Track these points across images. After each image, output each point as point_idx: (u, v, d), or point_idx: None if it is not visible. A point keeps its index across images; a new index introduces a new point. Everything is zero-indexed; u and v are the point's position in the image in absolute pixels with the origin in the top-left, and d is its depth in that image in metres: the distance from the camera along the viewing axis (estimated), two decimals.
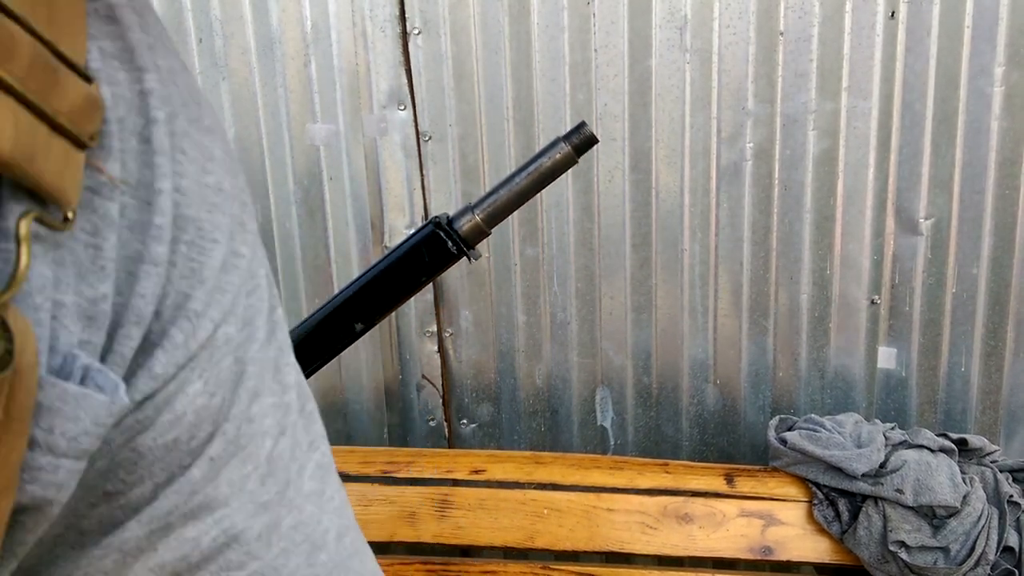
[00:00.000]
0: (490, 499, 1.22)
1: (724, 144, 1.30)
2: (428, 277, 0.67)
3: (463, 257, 0.66)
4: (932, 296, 1.34)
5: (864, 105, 1.27)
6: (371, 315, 0.67)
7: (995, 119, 1.26)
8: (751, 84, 1.28)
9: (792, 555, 1.19)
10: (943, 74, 1.26)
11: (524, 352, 1.42)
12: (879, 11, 1.24)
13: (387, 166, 1.36)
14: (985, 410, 1.38)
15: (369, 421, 1.48)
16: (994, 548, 1.11)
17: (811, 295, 1.35)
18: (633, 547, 1.20)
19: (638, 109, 1.30)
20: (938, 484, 1.12)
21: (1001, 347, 1.35)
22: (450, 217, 0.67)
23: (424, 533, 1.22)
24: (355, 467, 1.26)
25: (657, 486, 1.22)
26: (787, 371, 1.39)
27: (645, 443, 1.45)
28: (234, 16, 1.30)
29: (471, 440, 1.49)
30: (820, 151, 1.29)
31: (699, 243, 1.34)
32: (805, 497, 1.20)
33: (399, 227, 1.39)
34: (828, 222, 1.32)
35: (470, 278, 1.40)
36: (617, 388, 1.43)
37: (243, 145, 1.36)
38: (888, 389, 1.39)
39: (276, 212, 1.38)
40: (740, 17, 1.25)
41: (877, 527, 1.13)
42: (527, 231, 1.37)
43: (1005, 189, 1.29)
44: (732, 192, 1.32)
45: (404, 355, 1.45)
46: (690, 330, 1.38)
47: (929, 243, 1.32)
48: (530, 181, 0.68)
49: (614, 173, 1.33)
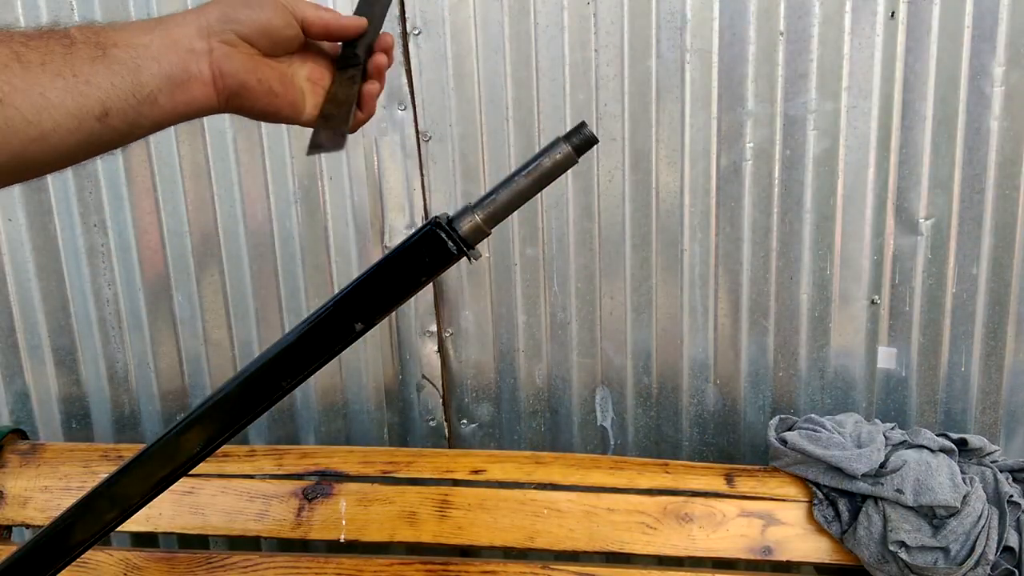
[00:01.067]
0: (490, 499, 1.22)
1: (724, 144, 1.30)
2: (428, 277, 0.67)
3: (463, 257, 0.66)
4: (932, 296, 1.34)
5: (864, 105, 1.27)
6: (371, 315, 0.67)
7: (995, 119, 1.26)
8: (751, 84, 1.28)
9: (792, 555, 1.19)
10: (943, 74, 1.26)
11: (524, 352, 1.42)
12: (879, 11, 1.24)
13: (387, 166, 1.36)
14: (985, 410, 1.38)
15: (369, 421, 1.48)
16: (994, 548, 1.11)
17: (811, 295, 1.35)
18: (633, 547, 1.20)
19: (638, 109, 1.30)
20: (938, 484, 1.12)
21: (1001, 347, 1.35)
22: (450, 217, 0.67)
23: (424, 533, 1.22)
24: (355, 467, 1.26)
25: (657, 486, 1.22)
26: (787, 371, 1.39)
27: (645, 443, 1.45)
28: None
29: (471, 440, 1.49)
30: (820, 151, 1.29)
31: (699, 243, 1.34)
32: (805, 497, 1.20)
33: (399, 227, 1.39)
34: (828, 222, 1.32)
35: (470, 278, 1.40)
36: (617, 388, 1.43)
37: (243, 145, 1.36)
38: (888, 389, 1.39)
39: (276, 212, 1.38)
40: (740, 17, 1.25)
41: (877, 527, 1.13)
42: (527, 231, 1.37)
43: (1005, 189, 1.29)
44: (732, 192, 1.32)
45: (404, 355, 1.45)
46: (690, 330, 1.38)
47: (929, 243, 1.32)
48: (530, 181, 0.68)
49: (614, 173, 1.33)
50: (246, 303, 1.42)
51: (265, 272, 1.41)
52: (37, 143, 0.50)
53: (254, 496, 1.25)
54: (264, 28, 0.60)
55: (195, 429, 0.68)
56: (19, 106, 0.48)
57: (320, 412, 1.48)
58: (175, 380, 1.47)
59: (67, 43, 0.52)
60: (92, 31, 0.54)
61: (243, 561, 1.23)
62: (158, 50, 0.55)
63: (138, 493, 0.69)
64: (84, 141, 0.52)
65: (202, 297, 1.43)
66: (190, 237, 1.40)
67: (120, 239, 1.41)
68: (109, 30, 0.54)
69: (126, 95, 0.53)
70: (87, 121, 0.52)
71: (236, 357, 1.45)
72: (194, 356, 1.46)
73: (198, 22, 0.58)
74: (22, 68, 0.49)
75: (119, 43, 0.54)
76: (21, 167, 0.50)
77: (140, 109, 0.55)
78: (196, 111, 0.59)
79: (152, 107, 0.55)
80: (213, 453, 0.69)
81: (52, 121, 0.50)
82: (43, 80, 0.49)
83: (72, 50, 0.51)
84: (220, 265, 1.41)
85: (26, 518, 1.27)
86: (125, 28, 0.55)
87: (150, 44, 0.55)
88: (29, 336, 1.46)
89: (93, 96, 0.52)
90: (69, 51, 0.51)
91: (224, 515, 1.24)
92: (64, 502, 1.26)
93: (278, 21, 0.61)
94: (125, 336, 1.45)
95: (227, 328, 1.44)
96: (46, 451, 1.31)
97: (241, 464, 1.27)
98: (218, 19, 0.58)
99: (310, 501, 1.24)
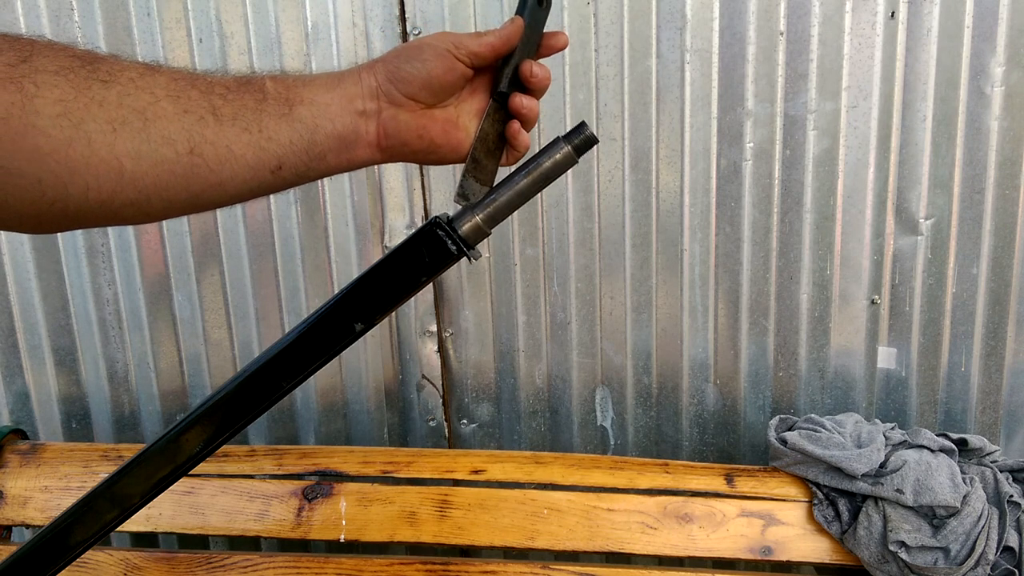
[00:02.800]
0: (490, 499, 1.22)
1: (724, 144, 1.30)
2: (428, 277, 0.67)
3: (463, 257, 0.66)
4: (932, 296, 1.34)
5: (864, 105, 1.27)
6: (371, 315, 0.67)
7: (995, 119, 1.26)
8: (751, 84, 1.28)
9: (792, 555, 1.19)
10: (943, 74, 1.26)
11: (524, 352, 1.42)
12: (879, 11, 1.24)
13: (387, 166, 1.36)
14: (985, 410, 1.38)
15: (369, 421, 1.48)
16: (994, 548, 1.11)
17: (811, 295, 1.35)
18: (633, 547, 1.20)
19: (638, 109, 1.30)
20: (938, 484, 1.12)
21: (1001, 347, 1.35)
22: (450, 217, 0.67)
23: (424, 533, 1.22)
24: (355, 467, 1.26)
25: (657, 486, 1.22)
26: (787, 371, 1.39)
27: (645, 443, 1.45)
28: (234, 16, 1.30)
29: (471, 440, 1.49)
30: (820, 151, 1.29)
31: (699, 243, 1.34)
32: (805, 497, 1.20)
33: (399, 227, 1.39)
34: (828, 222, 1.32)
35: (470, 278, 1.40)
36: (617, 388, 1.43)
37: None
38: (888, 389, 1.39)
39: (276, 212, 1.38)
40: (740, 17, 1.25)
41: (877, 527, 1.13)
42: (527, 231, 1.37)
43: (1005, 189, 1.29)
44: (732, 192, 1.32)
45: (404, 355, 1.45)
46: (690, 330, 1.38)
47: (929, 243, 1.32)
48: (530, 181, 0.68)
49: (614, 173, 1.33)
50: (246, 303, 1.42)
51: (265, 272, 1.41)
52: (214, 188, 0.54)
53: (254, 496, 1.25)
54: (426, 82, 0.62)
55: (195, 429, 0.68)
56: (206, 156, 0.53)
57: (320, 412, 1.48)
58: (175, 380, 1.47)
59: (260, 97, 0.56)
60: (284, 85, 0.58)
61: (243, 561, 1.23)
62: (336, 111, 0.59)
63: (138, 493, 0.69)
64: (255, 189, 0.57)
65: (202, 297, 1.43)
66: (190, 237, 1.40)
67: (120, 239, 1.41)
68: (299, 85, 0.59)
69: (301, 153, 0.58)
70: (262, 173, 0.56)
71: (236, 357, 1.45)
72: (194, 356, 1.46)
73: (370, 81, 0.61)
74: (216, 121, 0.53)
75: (304, 100, 0.58)
76: (196, 206, 0.55)
77: (310, 164, 0.59)
78: (357, 166, 0.63)
79: (320, 163, 0.60)
80: (213, 453, 0.69)
81: (231, 171, 0.54)
82: (231, 134, 0.54)
83: (263, 106, 0.56)
84: (220, 265, 1.41)
85: (26, 518, 1.27)
86: (312, 83, 0.59)
87: (330, 104, 0.59)
88: (29, 336, 1.46)
89: (272, 152, 0.56)
90: (260, 106, 0.56)
91: (224, 515, 1.25)
92: (64, 502, 1.26)
93: (439, 70, 0.63)
94: (125, 336, 1.45)
95: (227, 328, 1.44)
96: (46, 451, 1.31)
97: (241, 464, 1.27)
98: (385, 78, 0.61)
99: (310, 501, 1.24)
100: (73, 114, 0.47)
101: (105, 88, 0.49)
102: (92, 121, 0.48)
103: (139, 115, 0.50)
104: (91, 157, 0.48)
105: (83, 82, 0.48)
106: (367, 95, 0.61)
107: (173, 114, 0.51)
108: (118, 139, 0.49)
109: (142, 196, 0.51)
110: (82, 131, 0.47)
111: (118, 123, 0.49)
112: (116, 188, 0.49)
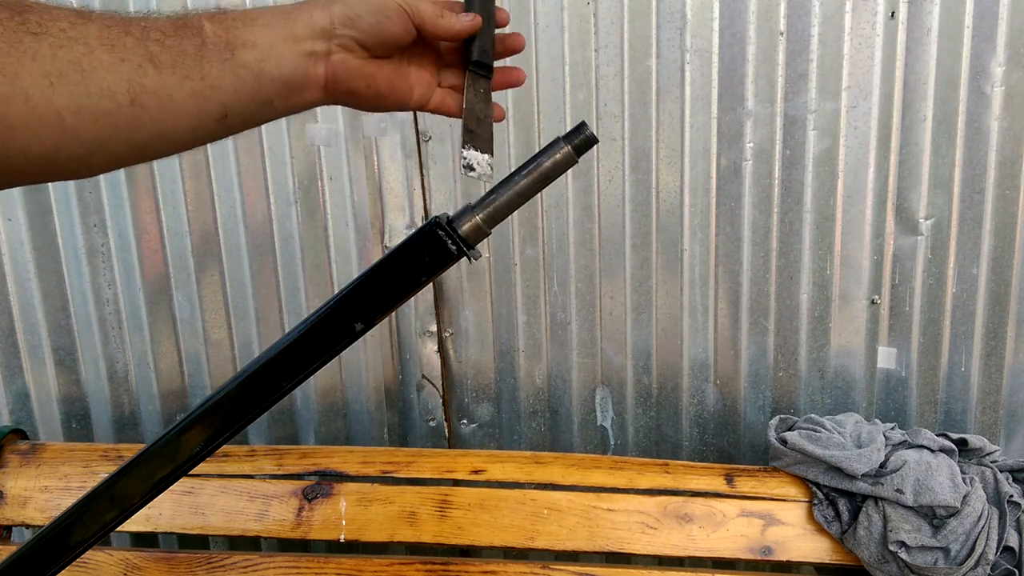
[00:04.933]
0: (490, 499, 1.22)
1: (724, 144, 1.30)
2: (428, 277, 0.67)
3: (463, 257, 0.66)
4: (932, 296, 1.34)
5: (864, 105, 1.27)
6: (371, 315, 0.66)
7: (995, 119, 1.26)
8: (751, 84, 1.28)
9: (792, 555, 1.19)
10: (943, 74, 1.26)
11: (524, 352, 1.42)
12: (879, 11, 1.24)
13: (387, 166, 1.36)
14: (985, 410, 1.38)
15: (369, 421, 1.48)
16: (994, 548, 1.11)
17: (811, 295, 1.35)
18: (633, 547, 1.20)
19: (638, 109, 1.30)
20: (938, 484, 1.12)
21: (1001, 347, 1.35)
22: (450, 217, 0.67)
23: (424, 533, 1.22)
24: (355, 467, 1.26)
25: (657, 486, 1.22)
26: (787, 371, 1.39)
27: (645, 443, 1.45)
28: None
29: (471, 440, 1.49)
30: (820, 151, 1.29)
31: (699, 243, 1.34)
32: (805, 497, 1.20)
33: (399, 227, 1.39)
34: (828, 222, 1.32)
35: (470, 278, 1.40)
36: (617, 388, 1.43)
37: (243, 145, 1.36)
38: (888, 389, 1.39)
39: (276, 212, 1.38)
40: (740, 17, 1.25)
41: (877, 527, 1.13)
42: (527, 231, 1.37)
43: (1005, 189, 1.29)
44: (732, 192, 1.32)
45: (404, 355, 1.45)
46: (690, 330, 1.38)
47: (929, 243, 1.32)
48: (530, 181, 0.68)
49: (614, 173, 1.33)
50: (246, 303, 1.42)
51: (265, 272, 1.41)
52: (158, 139, 0.53)
53: (254, 496, 1.25)
54: (382, 36, 0.61)
55: (195, 429, 0.68)
56: (147, 106, 0.51)
57: (320, 412, 1.48)
58: (175, 380, 1.47)
59: (199, 43, 0.54)
60: (224, 27, 0.55)
61: (243, 561, 1.23)
62: (282, 53, 0.57)
63: (138, 493, 0.69)
64: (200, 138, 0.55)
65: (202, 297, 1.43)
66: (190, 237, 1.40)
67: (120, 239, 1.41)
68: (240, 25, 0.56)
69: (246, 100, 0.56)
70: (207, 122, 0.55)
71: (236, 357, 1.45)
72: (194, 356, 1.46)
73: (322, 21, 0.59)
74: (155, 69, 0.51)
75: (247, 43, 0.55)
76: (140, 157, 0.53)
77: (256, 111, 0.57)
78: (304, 109, 0.61)
79: (267, 109, 0.58)
80: (213, 453, 0.69)
81: (175, 121, 0.53)
82: (172, 83, 0.52)
83: (203, 51, 0.54)
84: (220, 265, 1.41)
85: (26, 518, 1.27)
86: (254, 22, 0.57)
87: (275, 45, 0.57)
88: (29, 336, 1.46)
89: (216, 100, 0.54)
90: (200, 51, 0.53)
91: (224, 515, 1.25)
92: (64, 502, 1.26)
93: (399, 29, 0.62)
94: (125, 336, 1.45)
95: (227, 328, 1.44)
96: (46, 451, 1.31)
97: (241, 464, 1.27)
98: (341, 21, 0.59)
99: (310, 501, 1.24)
100: (6, 69, 0.45)
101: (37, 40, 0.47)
102: (27, 76, 0.46)
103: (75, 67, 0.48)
104: (29, 114, 0.46)
105: (12, 35, 0.46)
106: (317, 35, 0.58)
107: (109, 63, 0.49)
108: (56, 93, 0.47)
109: (85, 150, 0.50)
110: (18, 87, 0.46)
111: (55, 76, 0.47)
112: (58, 143, 0.48)
